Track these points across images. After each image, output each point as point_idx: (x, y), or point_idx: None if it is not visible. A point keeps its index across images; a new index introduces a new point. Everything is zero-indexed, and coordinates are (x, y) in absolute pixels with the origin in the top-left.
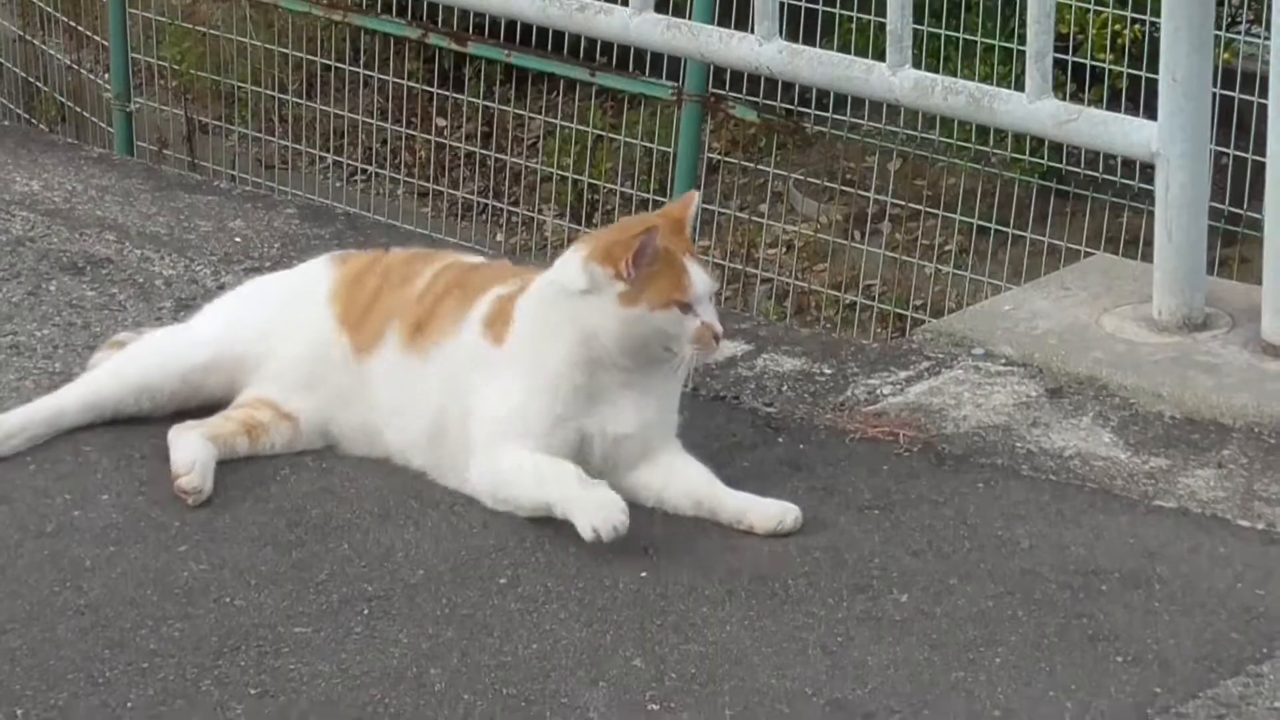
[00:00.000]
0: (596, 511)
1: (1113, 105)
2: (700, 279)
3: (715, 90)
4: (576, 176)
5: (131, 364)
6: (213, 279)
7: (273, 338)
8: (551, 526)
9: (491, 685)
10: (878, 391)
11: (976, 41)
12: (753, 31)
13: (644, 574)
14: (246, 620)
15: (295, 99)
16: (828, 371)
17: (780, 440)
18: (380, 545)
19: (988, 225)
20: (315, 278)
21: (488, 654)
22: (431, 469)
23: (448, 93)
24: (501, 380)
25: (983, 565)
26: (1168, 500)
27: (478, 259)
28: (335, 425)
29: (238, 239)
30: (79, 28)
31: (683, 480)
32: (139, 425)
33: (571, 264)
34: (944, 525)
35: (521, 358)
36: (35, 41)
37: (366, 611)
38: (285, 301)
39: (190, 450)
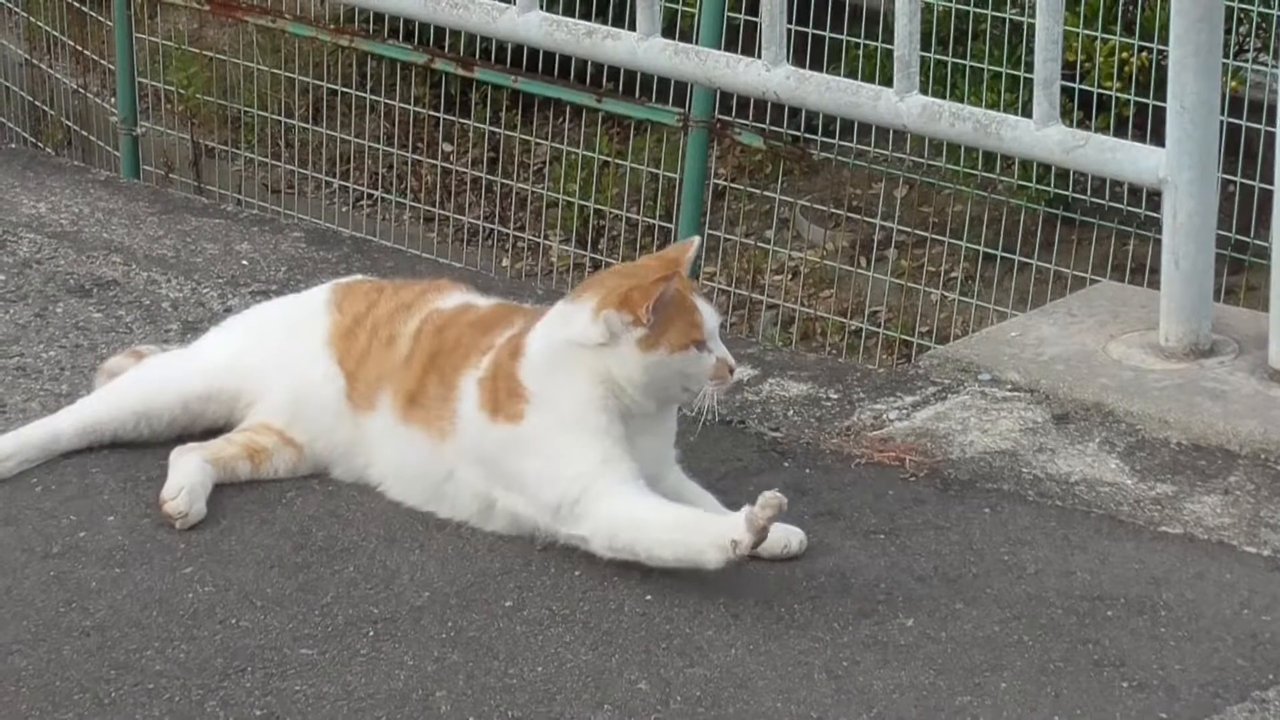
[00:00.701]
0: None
1: (1119, 133)
2: (710, 315)
3: (722, 116)
4: (582, 202)
5: (131, 390)
6: (219, 302)
7: (272, 373)
8: (555, 552)
9: (497, 708)
10: (884, 416)
11: (983, 69)
12: (760, 57)
13: (649, 597)
14: (252, 642)
15: (301, 124)
16: (834, 396)
17: (786, 465)
18: (386, 568)
19: (994, 252)
20: (315, 314)
21: (493, 676)
22: (437, 509)
23: (454, 118)
24: (543, 452)
25: (988, 590)
26: (1173, 526)
27: (455, 296)
28: (334, 466)
29: (244, 262)
30: (85, 52)
31: (687, 504)
32: (145, 447)
33: (581, 317)
34: (950, 550)
35: (553, 422)
36: (42, 65)
37: (372, 634)
38: (285, 337)
39: (182, 474)
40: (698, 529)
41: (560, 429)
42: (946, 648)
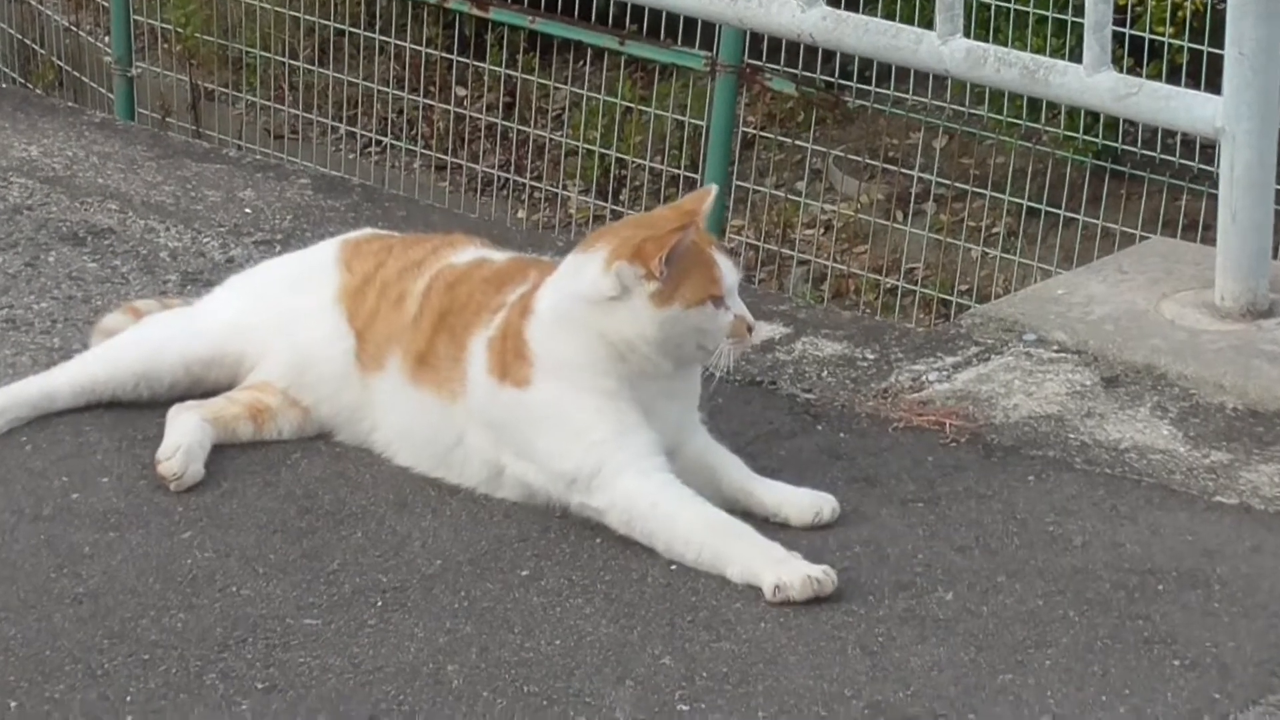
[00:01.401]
0: (787, 561)
1: (1172, 81)
2: (729, 270)
3: (751, 61)
4: (603, 151)
5: (131, 350)
6: (220, 252)
7: (279, 335)
8: (574, 519)
9: (512, 683)
10: (923, 378)
11: (1029, 12)
12: None
13: (674, 567)
14: (253, 611)
15: (306, 66)
16: (870, 357)
17: (819, 428)
18: (396, 534)
19: (1039, 207)
20: (322, 271)
21: (508, 650)
22: (446, 475)
23: (468, 61)
24: (553, 421)
25: (1032, 563)
26: (1229, 496)
27: (469, 251)
28: (339, 430)
29: (247, 210)
30: None
31: (713, 472)
32: (141, 406)
33: (591, 269)
34: (992, 520)
35: (563, 388)
36: (31, 1)
37: (380, 604)
38: (291, 295)
39: (179, 433)
40: (736, 537)
41: (570, 395)
42: (988, 623)
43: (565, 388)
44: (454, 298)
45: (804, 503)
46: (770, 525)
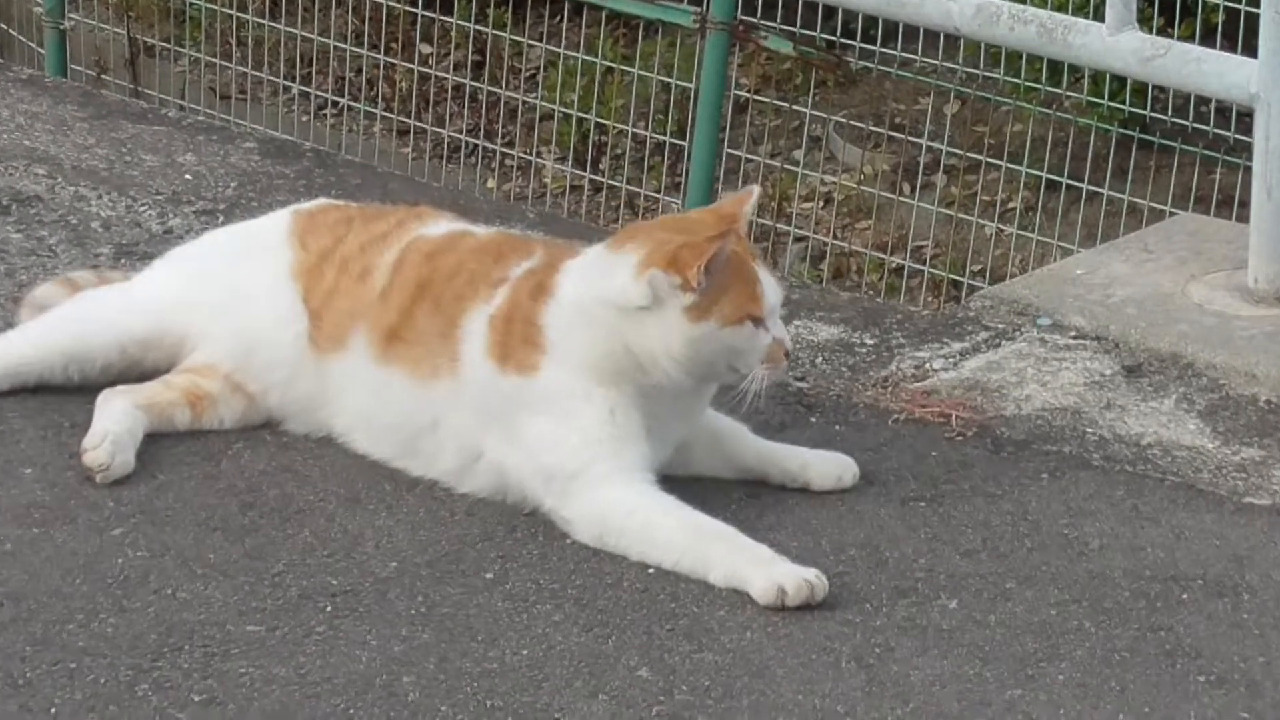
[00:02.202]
0: (773, 563)
1: (1206, 43)
2: (772, 289)
3: (745, 18)
4: (582, 115)
5: (61, 328)
6: (158, 222)
7: (223, 314)
8: (543, 517)
9: (474, 696)
10: (927, 366)
11: None
12: None
13: (651, 571)
14: (190, 616)
15: (256, 19)
16: (870, 342)
17: (813, 420)
18: (347, 533)
19: (1058, 180)
20: (273, 246)
21: (470, 660)
22: (409, 465)
23: (433, 15)
24: (552, 412)
25: (1045, 568)
26: (1260, 497)
27: (441, 223)
28: (290, 419)
29: (188, 176)
30: None
31: (720, 440)
32: (70, 390)
33: (622, 273)
34: (1001, 521)
35: (571, 382)
36: None
37: (330, 609)
38: (238, 271)
39: (108, 420)
40: (719, 539)
41: (579, 390)
42: (995, 634)
43: (575, 382)
44: (437, 268)
45: (826, 469)
46: (759, 523)
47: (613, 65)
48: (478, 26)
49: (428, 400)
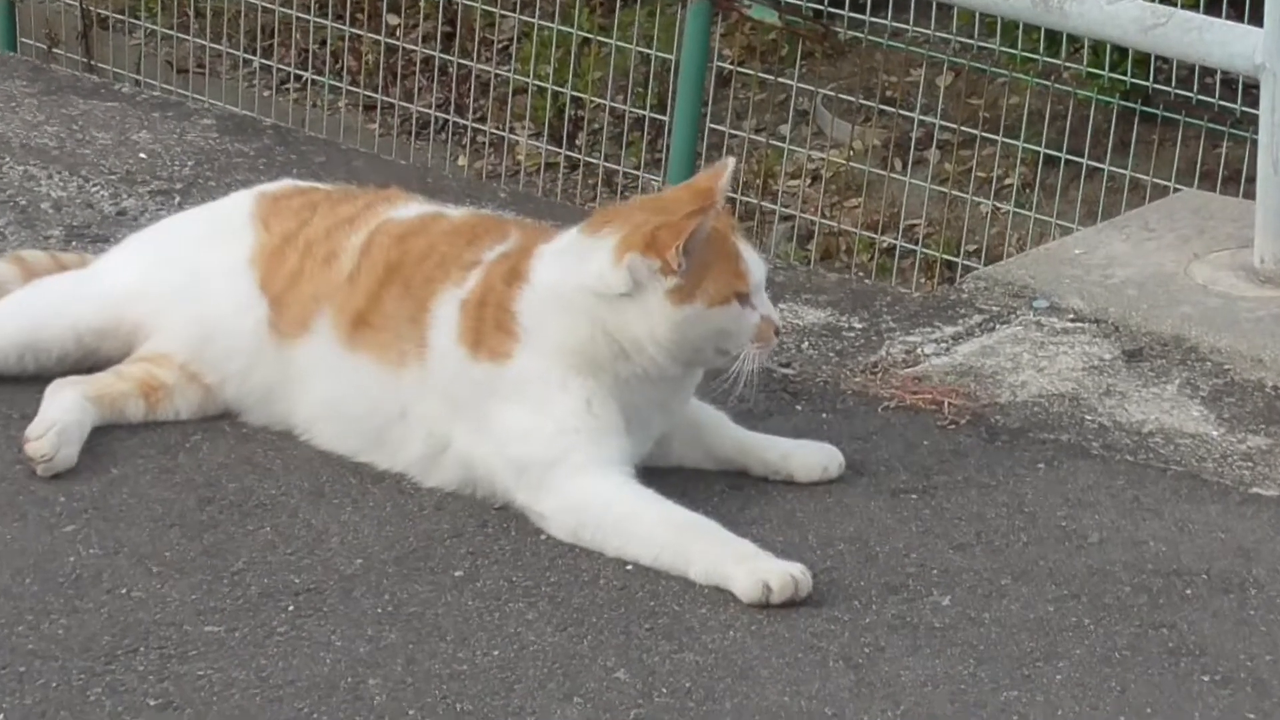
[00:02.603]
0: (756, 558)
1: (1211, 11)
2: (756, 263)
3: None
4: (557, 89)
5: (15, 317)
6: (111, 203)
7: (181, 301)
8: (516, 512)
9: (443, 699)
10: (918, 351)
11: None
12: None
13: (629, 568)
14: (146, 616)
15: None
16: (858, 325)
17: (799, 408)
18: (310, 528)
19: (1057, 155)
20: (235, 229)
21: (439, 661)
22: (375, 457)
23: None
24: (525, 401)
25: (1042, 563)
26: (1267, 487)
27: (412, 206)
28: (249, 411)
29: (143, 155)
30: None
31: (701, 430)
32: (24, 381)
33: (599, 258)
34: (996, 514)
35: (546, 370)
36: None
37: (292, 608)
38: (198, 256)
39: (56, 410)
40: (699, 533)
41: (554, 377)
42: (990, 632)
43: (550, 369)
44: (407, 250)
45: (811, 457)
46: (740, 516)
47: (589, 36)
48: None
49: (395, 387)
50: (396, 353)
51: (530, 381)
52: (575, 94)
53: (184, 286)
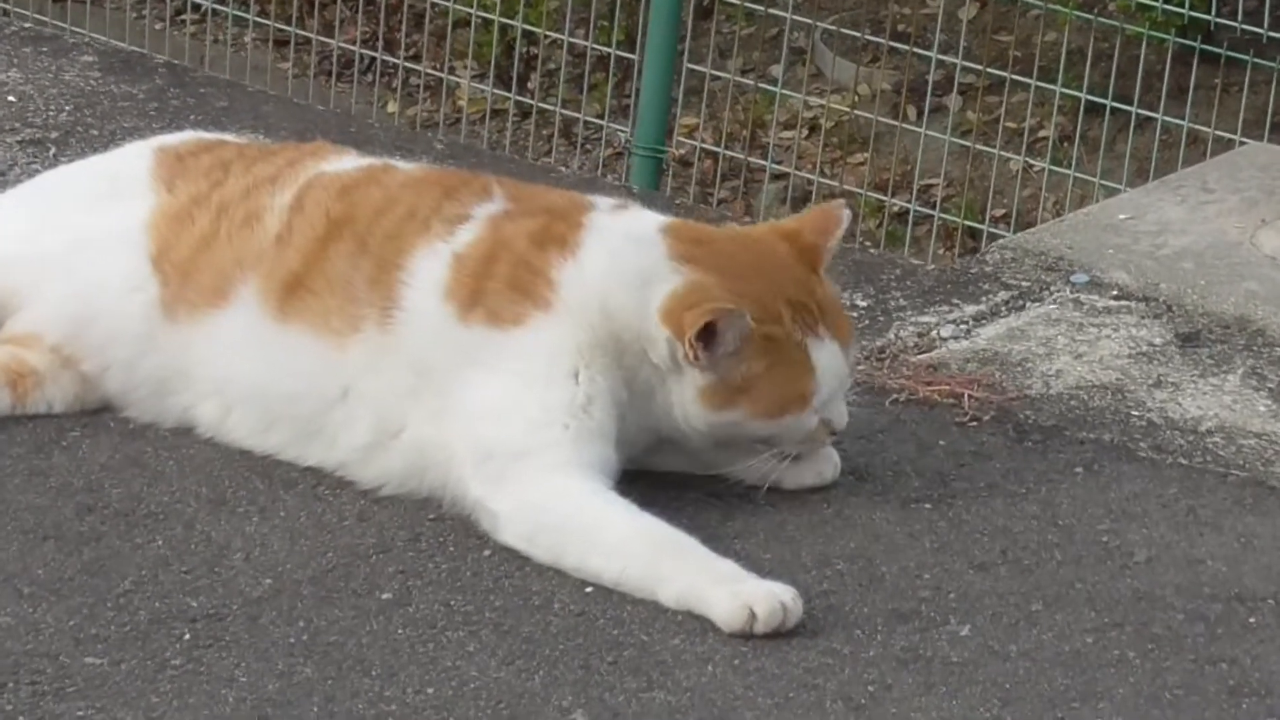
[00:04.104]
0: (739, 580)
1: None
2: (832, 371)
3: None
4: (505, 21)
5: None
6: None
7: (57, 273)
8: (455, 521)
9: None
10: (934, 333)
11: None
12: None
13: (589, 590)
14: (16, 646)
15: None
16: (863, 304)
17: None
18: (211, 542)
19: (1101, 102)
20: (128, 189)
21: (362, 700)
22: (303, 451)
23: None
24: (516, 375)
25: (1079, 585)
26: None
27: (347, 159)
28: (136, 405)
29: (11, 98)
30: None
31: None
32: None
33: (652, 302)
34: (1025, 528)
35: (553, 352)
36: None
37: (188, 636)
38: (81, 219)
39: None
40: (675, 550)
41: (563, 365)
42: (1018, 666)
43: (566, 354)
44: (356, 204)
45: (802, 460)
46: (721, 530)
47: None
48: None
49: (338, 363)
50: (345, 320)
51: (535, 356)
52: (527, 27)
53: (60, 256)
